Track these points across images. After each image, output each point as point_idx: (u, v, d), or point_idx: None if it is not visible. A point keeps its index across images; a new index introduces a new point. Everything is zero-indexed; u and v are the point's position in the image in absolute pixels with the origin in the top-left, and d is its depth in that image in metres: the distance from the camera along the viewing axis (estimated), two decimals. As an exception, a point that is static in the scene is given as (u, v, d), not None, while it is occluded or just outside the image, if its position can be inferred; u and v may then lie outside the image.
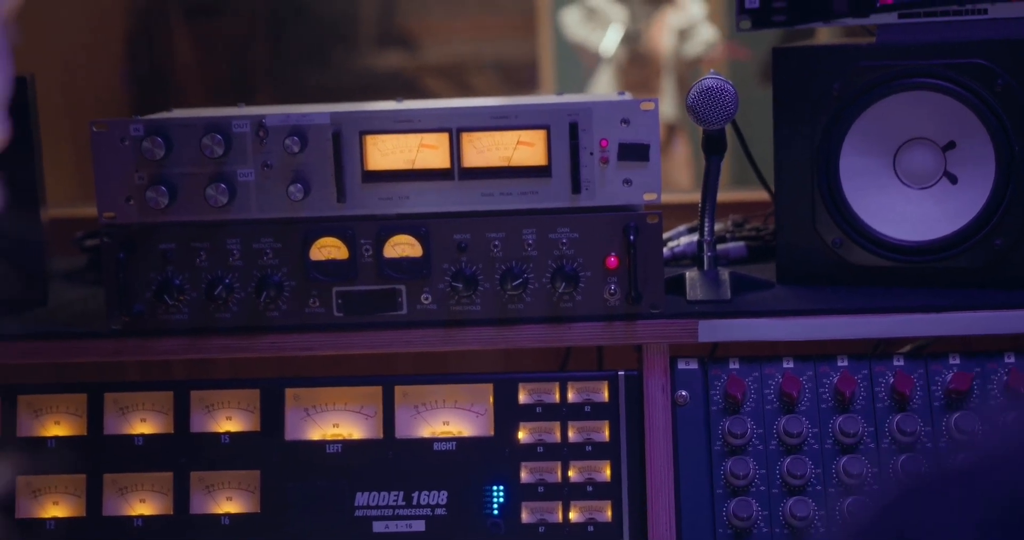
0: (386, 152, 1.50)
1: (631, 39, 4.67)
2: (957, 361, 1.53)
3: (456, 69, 5.08)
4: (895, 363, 1.53)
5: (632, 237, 1.49)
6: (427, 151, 1.50)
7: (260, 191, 1.50)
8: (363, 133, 1.49)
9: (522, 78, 5.00)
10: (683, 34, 4.64)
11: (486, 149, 1.50)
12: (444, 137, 1.50)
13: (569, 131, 1.49)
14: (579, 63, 4.84)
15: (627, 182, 1.50)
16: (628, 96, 1.57)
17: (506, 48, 5.13)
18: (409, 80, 5.03)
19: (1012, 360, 1.51)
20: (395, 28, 5.24)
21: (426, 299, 1.51)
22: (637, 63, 4.72)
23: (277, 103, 1.75)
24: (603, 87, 4.67)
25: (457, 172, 1.50)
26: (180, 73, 5.17)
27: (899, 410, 1.50)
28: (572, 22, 4.72)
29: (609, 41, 4.62)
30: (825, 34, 2.91)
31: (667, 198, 1.75)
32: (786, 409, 1.52)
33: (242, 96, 5.08)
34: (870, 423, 1.50)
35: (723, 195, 1.76)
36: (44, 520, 1.54)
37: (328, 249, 1.51)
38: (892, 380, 1.51)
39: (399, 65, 5.12)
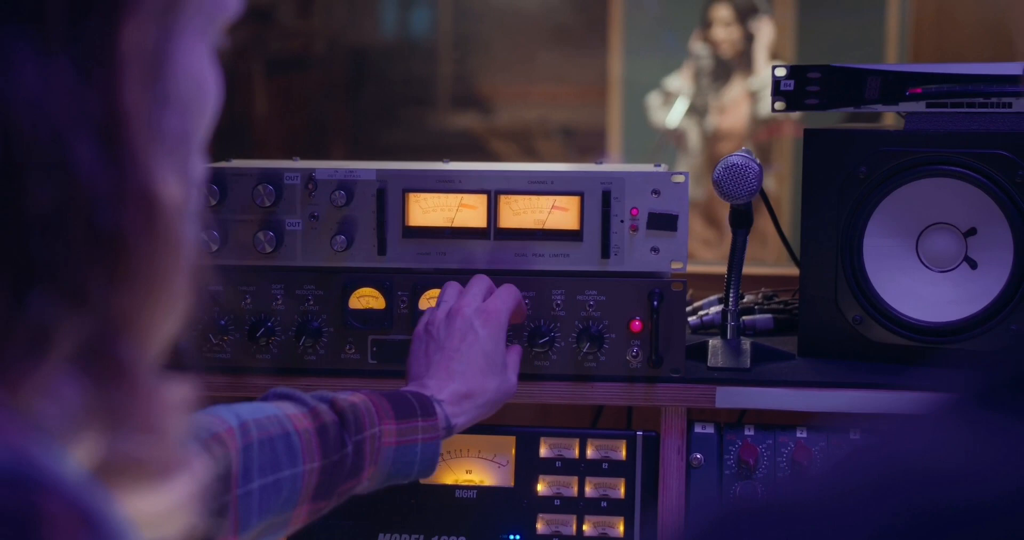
0: (427, 209, 1.58)
1: (699, 113, 4.75)
2: (969, 441, 1.57)
3: (524, 133, 5.19)
4: (907, 439, 1.57)
5: (656, 303, 1.55)
6: (466, 210, 1.58)
7: (306, 240, 1.59)
8: (406, 190, 1.58)
9: (589, 146, 5.10)
10: (750, 100, 4.72)
11: (522, 211, 1.58)
12: (483, 198, 1.58)
13: (602, 199, 1.56)
14: (648, 133, 4.93)
15: (655, 250, 1.57)
16: (663, 168, 1.64)
17: (576, 116, 5.23)
18: (478, 142, 5.14)
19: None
20: (471, 91, 5.36)
21: (456, 351, 1.58)
22: (707, 138, 4.80)
23: (351, 159, 1.84)
24: (681, 163, 4.76)
25: (493, 232, 1.58)
26: (258, 126, 5.33)
27: (907, 485, 1.54)
28: (654, 105, 4.83)
29: (675, 113, 4.71)
30: (891, 118, 2.97)
31: (705, 269, 1.81)
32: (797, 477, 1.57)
33: (317, 151, 5.24)
34: (878, 496, 1.54)
35: (764, 269, 1.82)
36: None
37: (366, 299, 1.59)
38: (902, 455, 1.56)
39: (469, 127, 5.24)
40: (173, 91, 0.62)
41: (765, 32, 4.81)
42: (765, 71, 4.74)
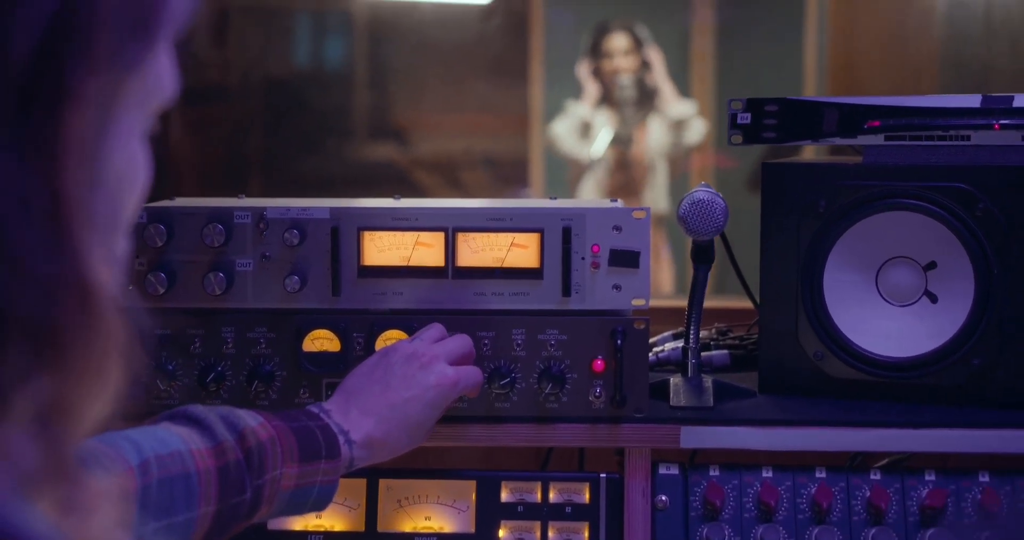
0: (382, 248, 1.54)
1: (622, 142, 4.75)
2: (933, 477, 1.55)
3: (448, 164, 5.14)
4: (872, 476, 1.55)
5: (619, 341, 1.52)
6: (422, 249, 1.54)
7: (257, 281, 1.53)
8: (361, 229, 1.53)
9: (512, 176, 5.08)
10: (673, 128, 4.72)
11: (480, 249, 1.54)
12: (440, 236, 1.53)
13: (562, 235, 1.53)
14: (567, 164, 4.92)
15: (616, 287, 1.54)
16: (620, 203, 1.61)
17: (498, 146, 5.21)
18: (400, 173, 5.09)
19: (986, 479, 1.54)
20: (388, 121, 5.31)
21: (414, 394, 1.53)
22: (624, 166, 4.79)
23: (270, 191, 1.80)
24: (587, 190, 4.74)
25: (451, 271, 1.54)
26: (174, 158, 5.22)
27: (875, 524, 1.52)
28: (562, 133, 4.80)
29: (599, 144, 4.70)
30: (810, 151, 2.98)
31: (652, 303, 1.77)
32: (764, 518, 1.54)
33: (235, 183, 5.15)
34: (846, 535, 1.52)
35: (706, 302, 1.79)
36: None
37: (321, 341, 1.53)
38: (868, 493, 1.54)
39: (391, 157, 5.18)
40: (107, 175, 0.63)
41: (658, 61, 4.80)
42: (676, 103, 4.74)
